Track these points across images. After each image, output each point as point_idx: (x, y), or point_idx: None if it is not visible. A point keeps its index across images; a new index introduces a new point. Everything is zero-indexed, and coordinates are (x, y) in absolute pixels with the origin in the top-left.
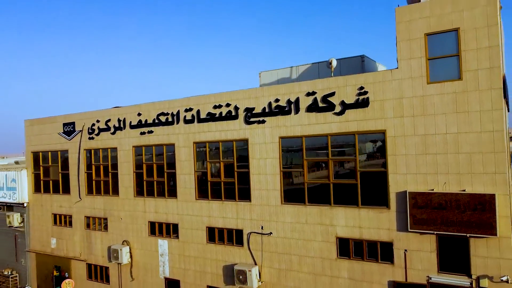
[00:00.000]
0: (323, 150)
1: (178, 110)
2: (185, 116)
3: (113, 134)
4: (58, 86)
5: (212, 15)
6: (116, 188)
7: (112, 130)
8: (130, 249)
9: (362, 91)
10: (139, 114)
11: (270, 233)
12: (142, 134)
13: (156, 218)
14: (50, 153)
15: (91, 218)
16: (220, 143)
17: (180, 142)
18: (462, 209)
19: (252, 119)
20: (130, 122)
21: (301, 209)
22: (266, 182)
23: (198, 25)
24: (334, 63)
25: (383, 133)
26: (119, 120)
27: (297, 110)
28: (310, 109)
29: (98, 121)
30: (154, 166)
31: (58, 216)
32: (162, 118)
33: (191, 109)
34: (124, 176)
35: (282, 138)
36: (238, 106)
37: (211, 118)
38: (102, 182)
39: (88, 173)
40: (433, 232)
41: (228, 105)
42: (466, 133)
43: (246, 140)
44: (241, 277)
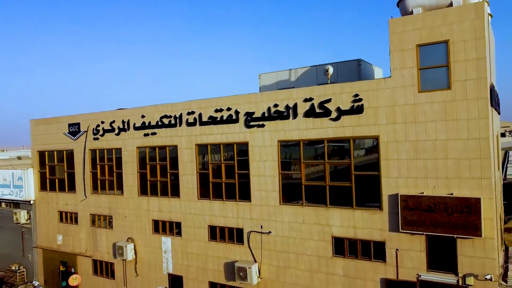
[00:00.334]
0: (320, 154)
1: (181, 113)
2: (187, 119)
3: (117, 135)
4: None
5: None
6: (120, 187)
7: (116, 131)
8: (134, 246)
9: (357, 98)
10: (143, 116)
11: (269, 232)
12: (146, 135)
13: (159, 216)
14: (55, 152)
15: (96, 215)
16: (221, 146)
17: (182, 144)
18: (450, 211)
19: (252, 123)
20: (134, 124)
21: (298, 209)
22: (266, 183)
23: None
24: (331, 71)
25: (377, 138)
26: (123, 121)
27: (295, 115)
28: (308, 114)
29: (102, 122)
30: (158, 166)
31: (64, 213)
32: (165, 121)
33: (193, 112)
34: (128, 175)
35: (280, 142)
36: (238, 110)
37: (213, 121)
38: (107, 181)
39: (93, 172)
40: (422, 232)
41: (229, 109)
42: (454, 140)
43: (246, 143)
44: (241, 273)
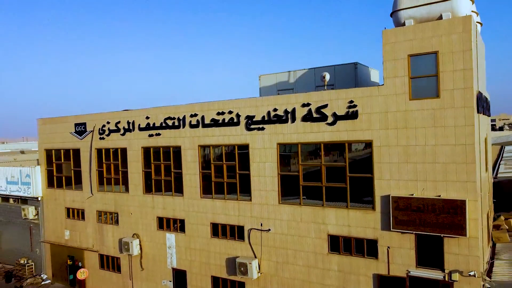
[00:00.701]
0: (317, 155)
1: (184, 115)
2: (190, 121)
3: (122, 135)
4: (57, 72)
5: (213, 14)
6: (126, 185)
7: (122, 131)
8: (140, 241)
9: (352, 104)
10: (147, 118)
11: (269, 229)
12: (150, 136)
13: (164, 214)
14: (62, 150)
15: (103, 212)
16: (223, 147)
17: (186, 145)
18: (437, 212)
19: (252, 126)
20: (139, 125)
21: (296, 208)
22: (265, 183)
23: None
24: (328, 77)
25: (370, 143)
26: (128, 122)
27: (293, 119)
28: (305, 118)
29: (108, 122)
30: (162, 166)
31: (71, 210)
32: (169, 122)
33: (196, 114)
34: (133, 174)
35: (279, 144)
36: (239, 113)
37: (215, 123)
38: (112, 179)
39: (99, 170)
40: (412, 231)
41: (230, 112)
42: (442, 145)
43: (247, 145)
44: (242, 268)
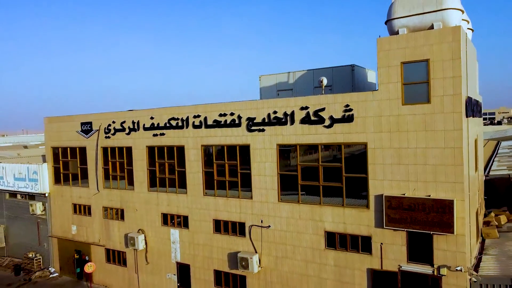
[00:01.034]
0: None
1: (188, 116)
2: (193, 121)
3: (128, 134)
4: (57, 67)
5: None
6: (131, 182)
7: (127, 131)
8: (145, 236)
9: (348, 108)
10: (152, 118)
11: (269, 226)
12: (155, 135)
13: (168, 210)
14: (69, 148)
15: (109, 208)
16: (225, 147)
17: (189, 145)
18: (427, 211)
19: (253, 128)
20: (144, 125)
21: (295, 206)
22: (265, 182)
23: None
24: (325, 82)
25: (365, 145)
26: (133, 122)
27: (292, 122)
28: (304, 121)
29: (113, 122)
30: (166, 164)
31: (77, 206)
32: (173, 122)
33: (199, 115)
34: (138, 172)
35: (279, 145)
36: (241, 115)
37: (217, 124)
38: (118, 176)
39: (105, 168)
40: (403, 229)
41: (232, 114)
42: (432, 148)
43: (248, 145)
44: (243, 263)
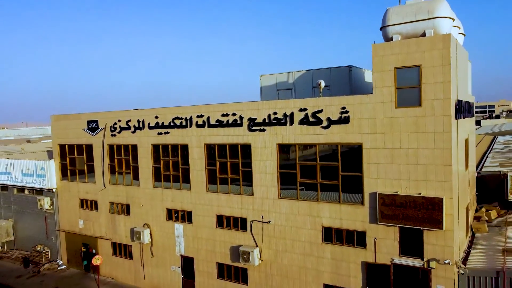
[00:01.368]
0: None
1: (191, 116)
2: (197, 121)
3: (133, 132)
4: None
5: (214, 14)
6: (136, 178)
7: (132, 129)
8: (150, 231)
9: (344, 110)
10: (157, 117)
11: (269, 221)
12: (159, 134)
13: (172, 206)
14: (75, 146)
15: (115, 203)
16: (227, 146)
17: (193, 143)
18: (418, 208)
19: (254, 128)
20: (149, 123)
21: (294, 203)
22: (266, 179)
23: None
24: (323, 84)
25: (360, 145)
26: (139, 121)
27: (291, 122)
28: (302, 122)
29: (119, 120)
30: (170, 162)
31: (84, 201)
32: (177, 122)
33: (202, 115)
34: (143, 169)
35: (279, 145)
36: (242, 116)
37: (220, 124)
38: (124, 173)
39: (111, 165)
40: (396, 224)
41: (234, 114)
42: (423, 149)
43: (249, 144)
44: (245, 256)
